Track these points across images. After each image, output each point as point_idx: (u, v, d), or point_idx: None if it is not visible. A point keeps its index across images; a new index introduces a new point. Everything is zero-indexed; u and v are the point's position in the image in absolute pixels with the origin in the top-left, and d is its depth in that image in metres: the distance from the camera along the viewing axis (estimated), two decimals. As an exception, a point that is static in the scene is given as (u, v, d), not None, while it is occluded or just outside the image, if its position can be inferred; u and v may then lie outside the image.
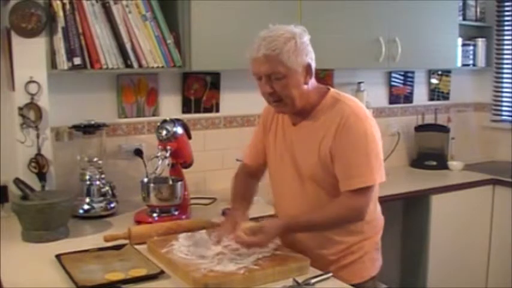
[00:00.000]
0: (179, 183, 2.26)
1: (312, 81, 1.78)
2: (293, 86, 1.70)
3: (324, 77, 3.24)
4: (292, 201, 1.87)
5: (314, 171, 1.77)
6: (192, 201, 2.47)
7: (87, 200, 2.34)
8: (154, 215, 2.22)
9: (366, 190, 1.69)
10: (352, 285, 1.66)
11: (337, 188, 1.73)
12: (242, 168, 2.07)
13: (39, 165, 2.25)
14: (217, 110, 2.91)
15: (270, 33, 1.68)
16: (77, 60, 2.28)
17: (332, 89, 1.84)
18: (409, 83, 3.65)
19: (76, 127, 2.41)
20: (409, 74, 3.63)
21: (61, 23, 2.27)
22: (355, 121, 1.71)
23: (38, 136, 2.26)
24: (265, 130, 1.97)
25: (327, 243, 1.82)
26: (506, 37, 3.81)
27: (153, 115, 2.72)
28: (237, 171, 2.08)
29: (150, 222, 2.15)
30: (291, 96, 1.71)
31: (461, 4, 3.61)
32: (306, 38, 1.73)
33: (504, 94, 3.88)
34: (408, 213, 3.21)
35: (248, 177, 2.04)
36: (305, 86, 1.73)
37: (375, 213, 1.90)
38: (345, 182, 1.70)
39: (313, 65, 1.75)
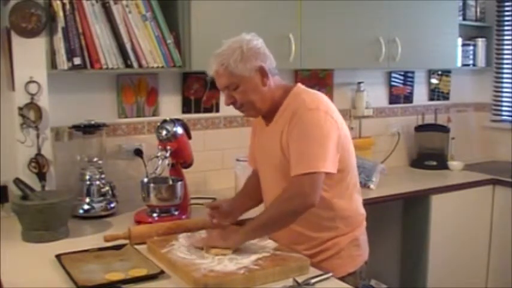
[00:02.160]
0: (179, 183, 2.26)
1: (276, 81, 1.85)
2: (251, 92, 1.79)
3: (324, 77, 3.24)
4: (268, 196, 1.93)
5: (280, 164, 1.82)
6: (192, 201, 2.47)
7: (87, 200, 2.34)
8: (154, 215, 2.22)
9: (307, 176, 1.69)
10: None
11: None
12: (252, 172, 2.14)
13: (39, 165, 2.25)
14: (217, 110, 2.91)
15: (219, 50, 1.80)
16: (77, 60, 2.28)
17: (298, 86, 1.89)
18: (409, 83, 3.65)
19: (76, 127, 2.41)
20: (409, 74, 3.63)
21: (61, 23, 2.26)
22: (305, 112, 1.76)
23: (38, 136, 2.26)
24: (254, 132, 2.06)
25: (300, 239, 1.86)
26: (506, 37, 3.81)
27: (153, 115, 2.72)
28: (249, 176, 2.15)
29: (150, 222, 2.15)
30: (251, 101, 1.81)
31: (461, 4, 3.61)
32: (256, 43, 1.80)
33: (504, 94, 3.88)
34: (408, 213, 3.21)
35: (253, 179, 2.07)
36: (265, 88, 1.81)
37: (351, 209, 1.90)
38: (291, 169, 1.73)
39: (269, 66, 1.81)
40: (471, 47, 3.77)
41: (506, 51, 3.82)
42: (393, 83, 3.57)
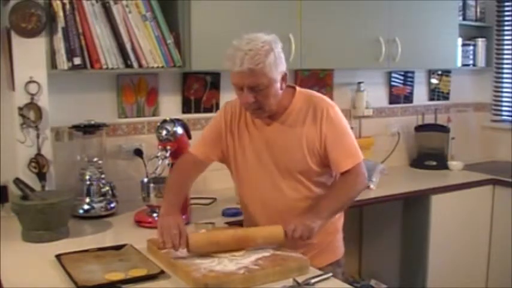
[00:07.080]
0: (179, 183, 2.26)
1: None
2: (272, 94, 1.80)
3: (324, 77, 3.24)
4: (272, 199, 1.92)
5: (301, 165, 1.88)
6: (192, 201, 2.47)
7: (87, 200, 2.34)
8: (154, 215, 2.22)
9: (358, 166, 1.89)
10: (320, 268, 1.74)
11: (320, 179, 1.92)
12: (187, 159, 2.05)
13: (39, 165, 2.25)
14: (217, 110, 2.91)
15: (251, 46, 1.73)
16: (77, 60, 2.29)
17: (298, 88, 1.94)
18: (409, 83, 3.64)
19: (76, 127, 2.41)
20: (409, 74, 3.63)
21: (61, 23, 2.27)
22: (331, 109, 1.89)
23: (38, 136, 2.26)
24: (227, 130, 1.97)
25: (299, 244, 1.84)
26: (506, 37, 3.81)
27: (153, 115, 2.72)
28: (179, 162, 2.06)
29: (150, 222, 2.16)
30: (270, 103, 1.81)
31: (461, 4, 3.61)
32: (280, 46, 1.82)
33: (504, 94, 3.88)
34: (408, 213, 3.21)
35: (191, 170, 2.02)
36: (281, 92, 1.84)
37: None
38: (343, 163, 1.87)
39: (286, 71, 1.86)
40: (471, 47, 3.76)
41: (506, 51, 3.82)
42: (393, 83, 3.57)
